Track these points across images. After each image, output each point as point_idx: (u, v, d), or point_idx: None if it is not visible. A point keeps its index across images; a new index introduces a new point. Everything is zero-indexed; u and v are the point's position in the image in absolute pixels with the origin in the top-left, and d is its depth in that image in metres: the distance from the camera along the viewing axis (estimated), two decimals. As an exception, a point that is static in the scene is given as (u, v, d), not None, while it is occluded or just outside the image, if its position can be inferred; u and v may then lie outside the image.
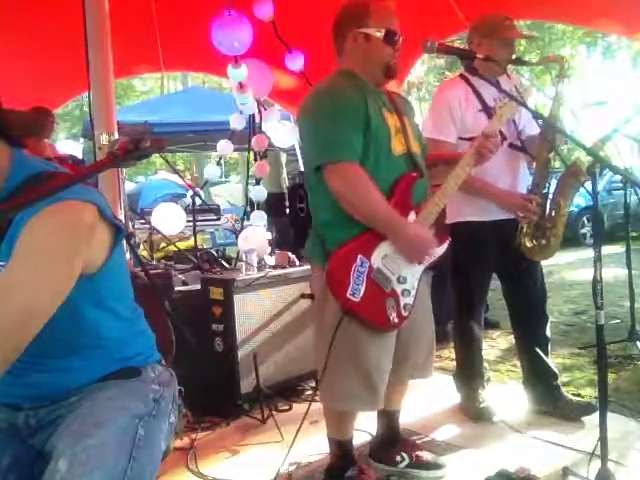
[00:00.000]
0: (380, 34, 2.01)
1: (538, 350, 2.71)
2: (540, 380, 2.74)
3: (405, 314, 2.02)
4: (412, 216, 2.01)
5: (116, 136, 3.05)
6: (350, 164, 1.91)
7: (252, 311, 2.99)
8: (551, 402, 2.69)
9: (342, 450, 2.16)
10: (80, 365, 1.25)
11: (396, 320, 1.99)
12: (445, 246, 2.11)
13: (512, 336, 3.20)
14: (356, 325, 1.96)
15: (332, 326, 1.93)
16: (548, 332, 2.77)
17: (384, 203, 1.92)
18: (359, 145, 1.94)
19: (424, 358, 2.23)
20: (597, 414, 1.92)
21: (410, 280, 2.03)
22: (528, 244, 2.61)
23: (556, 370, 2.78)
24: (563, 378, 3.22)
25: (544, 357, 2.73)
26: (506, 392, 3.05)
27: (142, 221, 5.02)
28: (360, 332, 1.97)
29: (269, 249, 3.51)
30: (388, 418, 2.33)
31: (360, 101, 1.95)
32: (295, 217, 4.68)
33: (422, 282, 2.14)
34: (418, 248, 1.98)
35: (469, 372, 2.83)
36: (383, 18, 2.03)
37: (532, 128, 2.67)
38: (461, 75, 2.69)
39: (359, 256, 1.92)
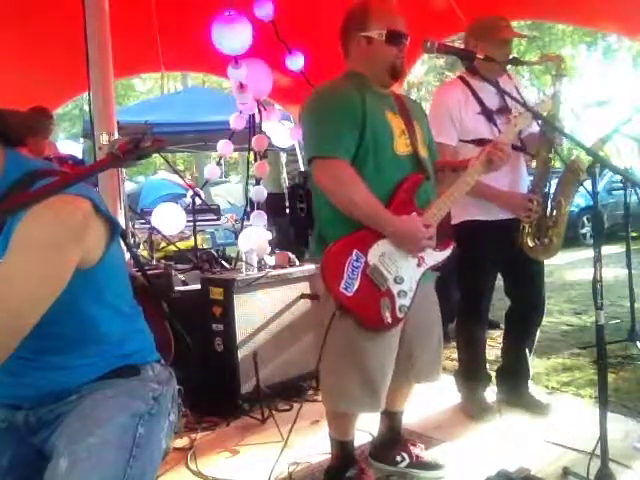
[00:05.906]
0: (381, 35, 2.00)
1: (527, 352, 2.80)
2: (514, 376, 2.84)
3: (400, 316, 1.99)
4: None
5: (116, 136, 3.05)
6: (338, 160, 1.90)
7: (252, 311, 2.98)
8: (517, 396, 2.81)
9: (343, 450, 2.15)
10: (80, 362, 1.25)
11: (389, 320, 1.95)
12: (449, 251, 2.09)
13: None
14: (352, 323, 1.94)
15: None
16: (537, 335, 2.83)
17: (371, 198, 1.90)
18: (352, 143, 1.93)
19: (432, 362, 2.20)
20: (597, 414, 1.92)
21: (408, 282, 1.99)
22: (530, 243, 2.61)
23: (531, 371, 2.88)
24: (563, 378, 3.22)
25: (528, 359, 2.82)
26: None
27: (142, 221, 5.02)
28: (357, 330, 1.95)
29: (269, 249, 3.51)
30: (391, 419, 2.32)
31: (356, 100, 1.95)
32: (295, 217, 4.68)
33: (429, 285, 2.13)
34: (410, 236, 1.93)
35: (471, 372, 2.84)
36: (384, 19, 2.02)
37: (531, 127, 2.67)
38: (460, 77, 2.69)
39: (355, 250, 1.90)
